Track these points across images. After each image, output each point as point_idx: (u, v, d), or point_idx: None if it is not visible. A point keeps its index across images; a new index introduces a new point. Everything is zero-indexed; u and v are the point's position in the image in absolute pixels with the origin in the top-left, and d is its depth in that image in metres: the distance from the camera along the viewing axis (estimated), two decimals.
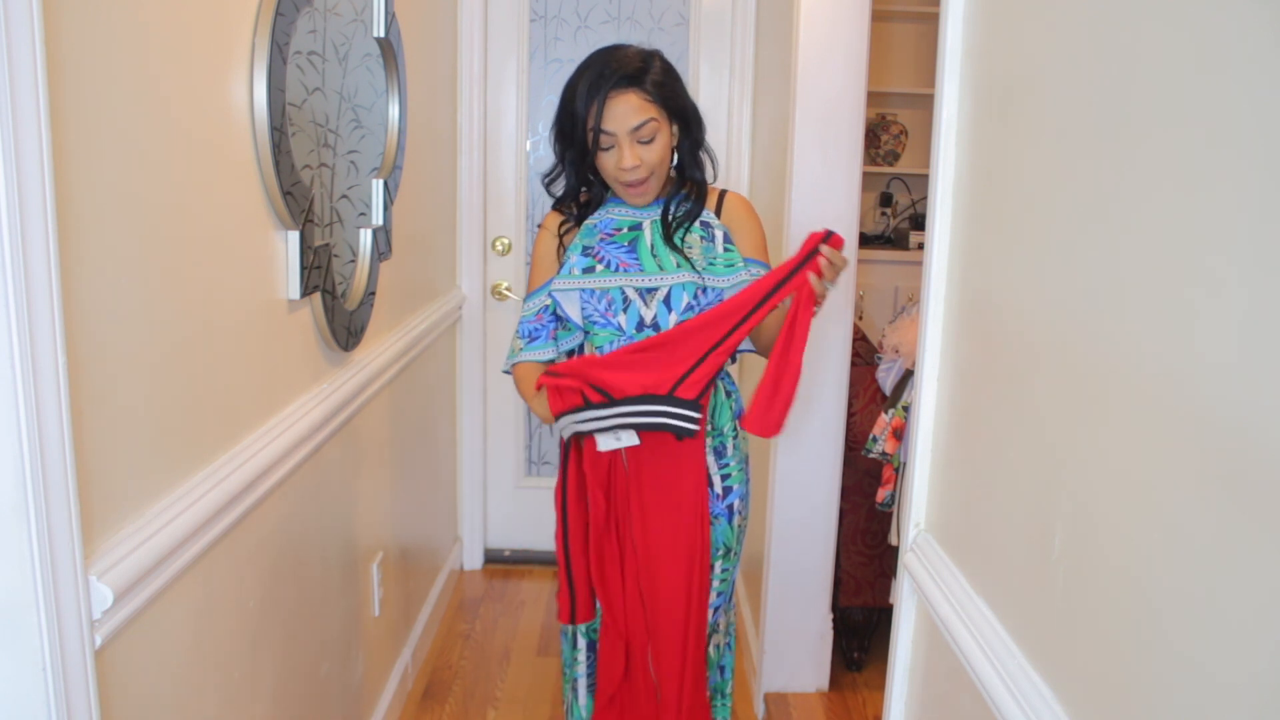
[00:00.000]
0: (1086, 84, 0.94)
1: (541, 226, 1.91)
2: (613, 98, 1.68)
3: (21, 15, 0.89)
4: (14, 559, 0.96)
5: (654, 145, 1.73)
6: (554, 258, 1.87)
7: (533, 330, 1.84)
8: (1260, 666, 0.68)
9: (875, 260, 4.58)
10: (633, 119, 1.69)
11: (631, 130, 1.70)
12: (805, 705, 2.65)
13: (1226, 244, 0.72)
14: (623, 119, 1.69)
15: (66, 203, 1.02)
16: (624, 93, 1.69)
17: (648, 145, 1.72)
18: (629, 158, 1.71)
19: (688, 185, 1.85)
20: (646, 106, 1.70)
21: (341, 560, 2.08)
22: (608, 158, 1.74)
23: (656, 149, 1.74)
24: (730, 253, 1.81)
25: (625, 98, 1.69)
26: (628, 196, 1.80)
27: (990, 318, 1.18)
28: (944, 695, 1.29)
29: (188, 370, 1.34)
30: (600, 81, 1.69)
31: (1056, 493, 0.98)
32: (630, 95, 1.69)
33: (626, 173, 1.73)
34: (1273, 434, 0.67)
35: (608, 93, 1.68)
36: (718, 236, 1.82)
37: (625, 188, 1.77)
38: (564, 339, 1.84)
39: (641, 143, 1.72)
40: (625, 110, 1.69)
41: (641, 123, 1.70)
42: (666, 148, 1.76)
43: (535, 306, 1.85)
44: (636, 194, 1.78)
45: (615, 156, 1.72)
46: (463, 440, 3.45)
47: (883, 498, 2.53)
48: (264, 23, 1.53)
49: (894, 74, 4.74)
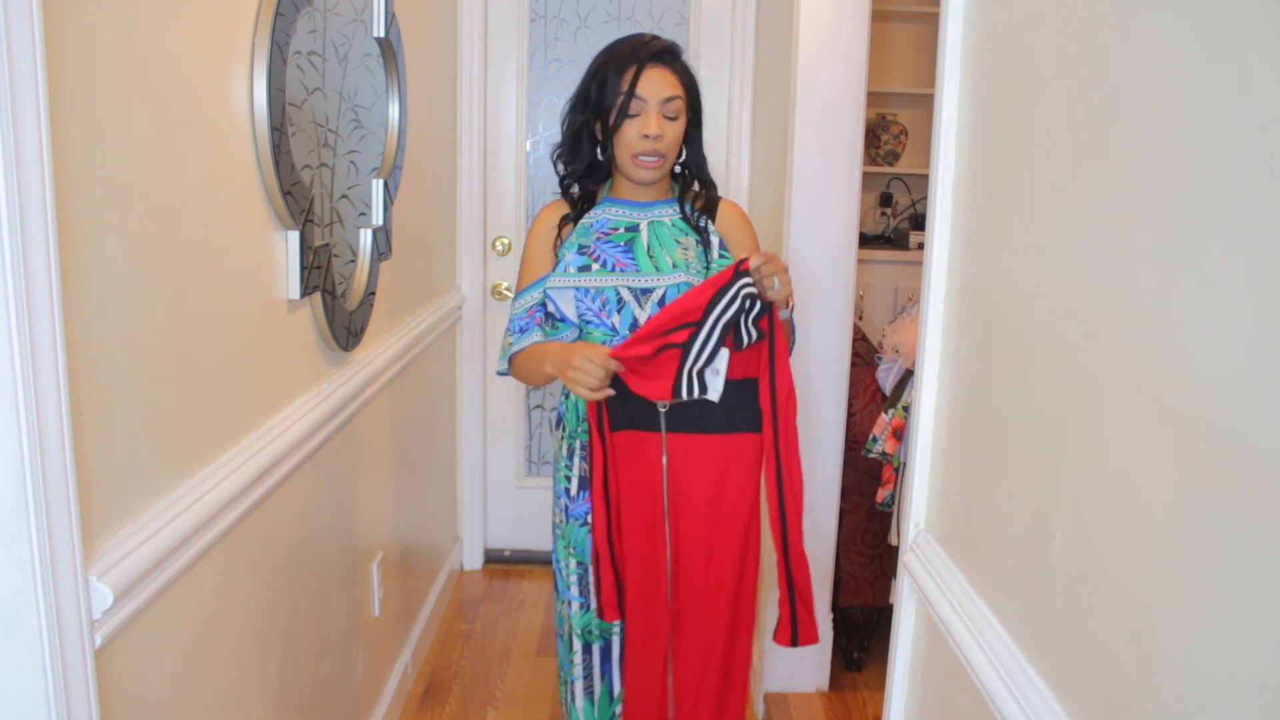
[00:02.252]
0: (1086, 84, 0.94)
1: (536, 221, 1.90)
2: (651, 67, 1.74)
3: (21, 15, 0.89)
4: (14, 559, 0.95)
5: (675, 124, 1.77)
6: (548, 253, 1.86)
7: (523, 325, 1.83)
8: (1260, 667, 0.68)
9: (875, 260, 4.58)
10: (666, 90, 1.74)
11: (662, 101, 1.74)
12: (805, 705, 2.65)
13: (1226, 244, 0.72)
14: (657, 89, 1.74)
15: (66, 203, 1.02)
16: (661, 66, 1.75)
17: (671, 122, 1.76)
18: (654, 125, 1.74)
19: (695, 185, 1.88)
20: (677, 84, 1.76)
21: (341, 560, 2.08)
22: (631, 126, 1.75)
23: (677, 129, 1.77)
24: (725, 259, 1.81)
25: (661, 71, 1.75)
26: (638, 170, 1.77)
27: (990, 318, 1.18)
28: (944, 695, 1.29)
29: (188, 370, 1.34)
30: (640, 50, 1.75)
31: (1056, 493, 0.98)
32: (666, 70, 1.75)
33: (649, 141, 1.74)
34: (1272, 434, 0.67)
35: (646, 62, 1.74)
36: (713, 243, 1.83)
37: (638, 160, 1.76)
38: (552, 336, 1.84)
39: (667, 118, 1.75)
40: (660, 82, 1.74)
41: (672, 97, 1.75)
42: (682, 134, 1.79)
43: (527, 303, 1.84)
44: (650, 168, 1.77)
45: (640, 124, 1.74)
46: (463, 440, 3.45)
47: (883, 498, 2.53)
48: (264, 23, 1.53)
49: (894, 74, 4.74)
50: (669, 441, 1.72)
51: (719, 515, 1.76)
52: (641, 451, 1.74)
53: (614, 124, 1.75)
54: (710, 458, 1.74)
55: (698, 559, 1.78)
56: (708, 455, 1.74)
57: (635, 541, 1.78)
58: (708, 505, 1.76)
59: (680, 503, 1.76)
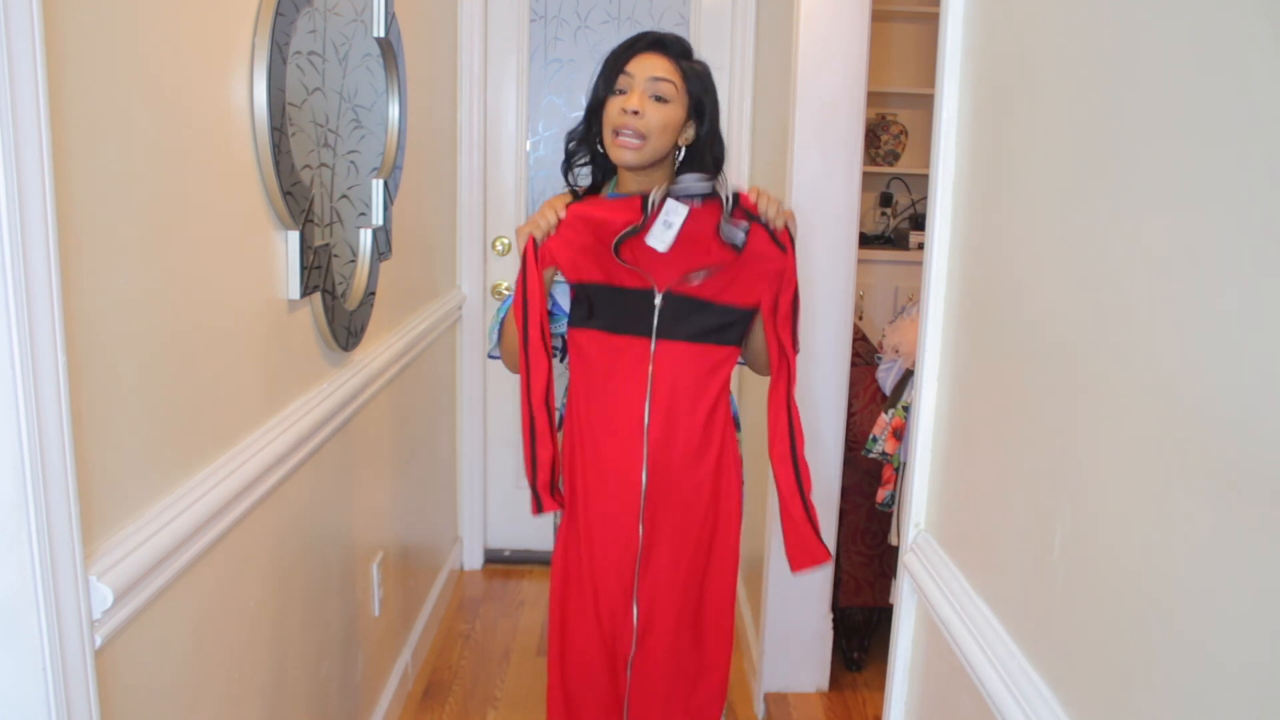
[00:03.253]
0: (1087, 83, 0.94)
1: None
2: (646, 51, 1.73)
3: (21, 15, 0.89)
4: (14, 559, 0.95)
5: (663, 108, 1.71)
6: None
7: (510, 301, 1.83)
8: (1261, 666, 0.68)
9: (875, 260, 4.58)
10: (656, 71, 1.72)
11: (650, 79, 1.71)
12: (805, 705, 2.65)
13: (1227, 244, 0.72)
14: (646, 68, 1.72)
15: (66, 202, 1.02)
16: (657, 54, 1.73)
17: (658, 104, 1.71)
18: (635, 100, 1.70)
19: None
20: (672, 70, 1.73)
21: (341, 560, 2.08)
22: (614, 102, 1.72)
23: (664, 113, 1.71)
24: None
25: (657, 57, 1.73)
26: (616, 150, 1.73)
27: (990, 318, 1.18)
28: (944, 695, 1.29)
29: (188, 370, 1.34)
30: (641, 37, 1.75)
31: (1056, 493, 0.98)
32: (662, 58, 1.73)
33: (626, 116, 1.69)
34: (1273, 434, 0.67)
35: (644, 47, 1.73)
36: None
37: (617, 138, 1.71)
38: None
39: (655, 98, 1.71)
40: (652, 63, 1.72)
41: (661, 78, 1.71)
42: (673, 125, 1.73)
43: None
44: (628, 148, 1.71)
45: (622, 101, 1.71)
46: (463, 440, 3.45)
47: (883, 498, 2.53)
48: (264, 23, 1.53)
49: (894, 74, 4.74)
50: (658, 348, 1.73)
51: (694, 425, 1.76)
52: (623, 355, 1.75)
53: (600, 99, 1.74)
54: (692, 365, 1.75)
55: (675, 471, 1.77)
56: (691, 362, 1.75)
57: (608, 451, 1.76)
58: (686, 415, 1.75)
59: (660, 410, 1.74)
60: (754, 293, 1.70)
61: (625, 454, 1.75)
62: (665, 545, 1.79)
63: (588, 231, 1.69)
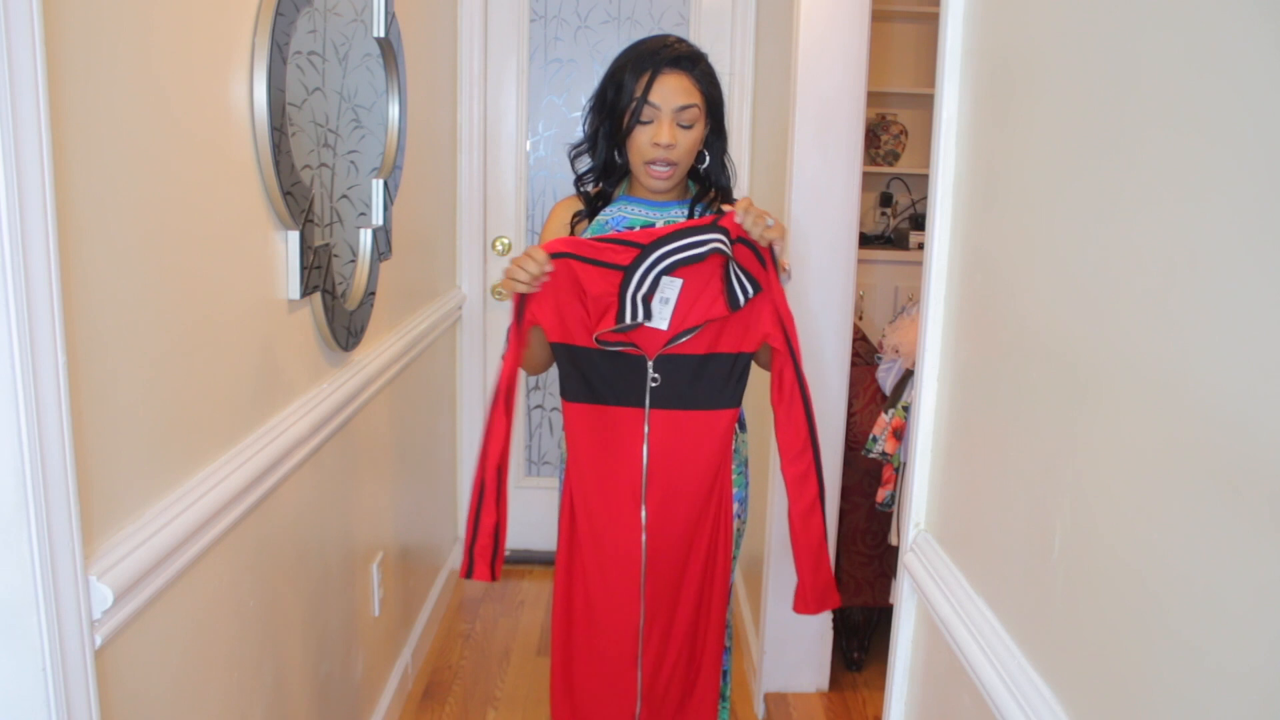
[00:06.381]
0: (1087, 83, 0.94)
1: (551, 215, 1.91)
2: (666, 73, 1.70)
3: (21, 15, 0.89)
4: (14, 559, 0.95)
5: (690, 133, 1.73)
6: None
7: None
8: (1261, 665, 0.68)
9: (875, 260, 4.58)
10: (680, 98, 1.71)
11: (676, 109, 1.71)
12: (805, 705, 2.65)
13: (1227, 244, 0.72)
14: (671, 96, 1.70)
15: (66, 202, 1.02)
16: (677, 73, 1.71)
17: (685, 130, 1.73)
18: (667, 134, 1.71)
19: (713, 192, 1.85)
20: (694, 92, 1.72)
21: (341, 560, 2.08)
22: (643, 132, 1.73)
23: (692, 137, 1.74)
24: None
25: (678, 77, 1.71)
26: (649, 179, 1.76)
27: (990, 318, 1.18)
28: (944, 695, 1.29)
29: (188, 370, 1.34)
30: (657, 55, 1.71)
31: (1056, 493, 0.98)
32: (683, 77, 1.71)
33: (660, 149, 1.72)
34: (1272, 435, 0.67)
35: (662, 68, 1.70)
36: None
37: (650, 168, 1.75)
38: None
39: (681, 126, 1.72)
40: (675, 88, 1.71)
41: (687, 105, 1.71)
42: (698, 143, 1.76)
43: None
44: (660, 178, 1.75)
45: (652, 131, 1.72)
46: (463, 440, 3.45)
47: (883, 498, 2.53)
48: (264, 23, 1.53)
49: (894, 74, 4.74)
50: (652, 419, 1.70)
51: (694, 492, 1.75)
52: (617, 428, 1.72)
53: (627, 128, 1.73)
54: (690, 434, 1.72)
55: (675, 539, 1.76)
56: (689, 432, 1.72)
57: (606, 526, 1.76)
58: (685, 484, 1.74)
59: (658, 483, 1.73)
60: (750, 335, 1.68)
61: (624, 534, 1.76)
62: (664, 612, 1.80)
63: (573, 293, 1.65)
